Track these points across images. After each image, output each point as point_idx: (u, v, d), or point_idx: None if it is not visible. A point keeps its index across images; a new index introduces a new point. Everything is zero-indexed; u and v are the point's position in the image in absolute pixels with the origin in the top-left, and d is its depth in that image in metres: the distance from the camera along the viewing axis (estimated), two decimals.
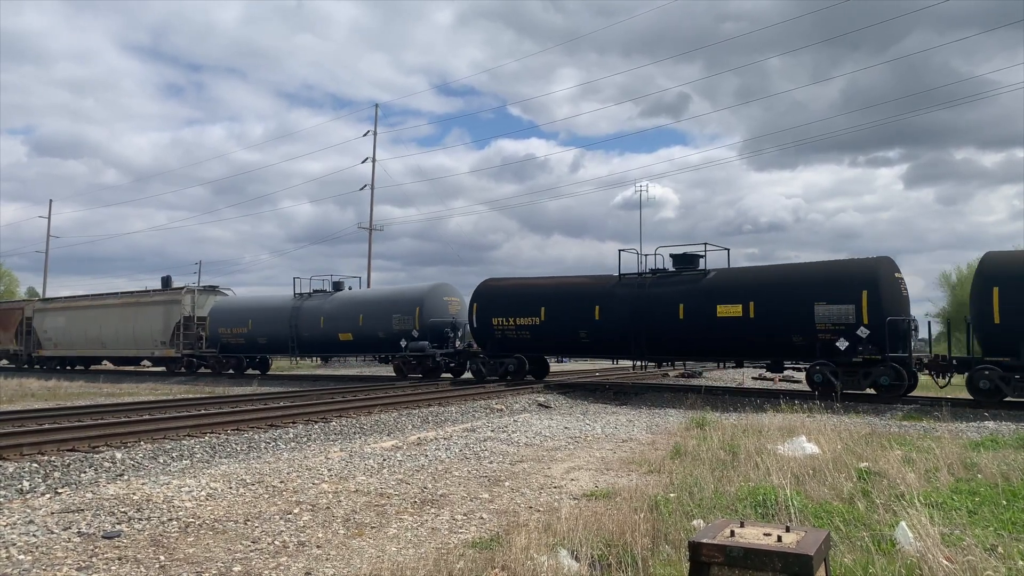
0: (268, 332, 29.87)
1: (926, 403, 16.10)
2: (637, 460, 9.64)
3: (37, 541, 5.79)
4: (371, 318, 26.64)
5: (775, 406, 15.12)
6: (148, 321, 34.01)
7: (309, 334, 28.57)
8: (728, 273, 19.65)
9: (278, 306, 30.04)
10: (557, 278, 22.91)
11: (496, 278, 23.88)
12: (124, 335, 34.94)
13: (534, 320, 21.67)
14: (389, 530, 6.26)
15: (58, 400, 21.35)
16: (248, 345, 30.79)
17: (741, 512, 6.16)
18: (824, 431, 10.48)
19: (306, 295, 29.67)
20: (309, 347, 29.31)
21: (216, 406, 16.38)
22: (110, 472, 9.00)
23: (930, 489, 7.13)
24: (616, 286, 20.52)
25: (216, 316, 31.84)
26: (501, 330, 22.31)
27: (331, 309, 28.18)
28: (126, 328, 34.82)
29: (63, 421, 13.59)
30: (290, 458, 9.81)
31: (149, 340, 33.91)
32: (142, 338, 34.23)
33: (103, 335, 35.83)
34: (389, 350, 26.28)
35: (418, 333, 25.16)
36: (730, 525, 3.67)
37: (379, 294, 28.59)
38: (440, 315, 25.80)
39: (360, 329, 26.90)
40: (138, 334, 34.35)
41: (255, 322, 30.33)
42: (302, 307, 29.04)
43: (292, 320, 28.96)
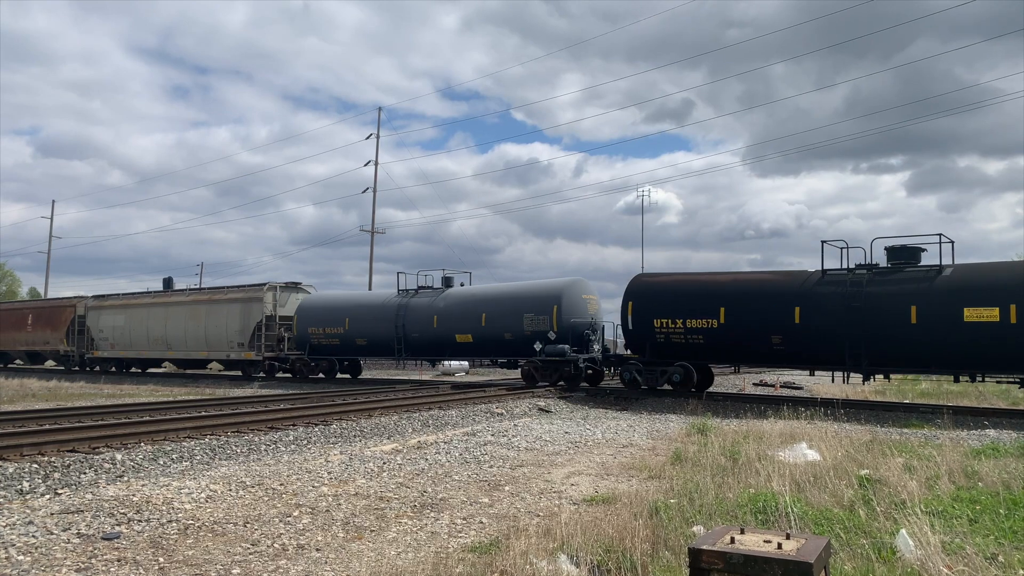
0: (369, 332, 26.80)
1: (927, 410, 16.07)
2: (637, 465, 9.63)
3: (36, 542, 5.79)
4: (497, 317, 23.53)
5: (777, 412, 15.10)
6: (223, 320, 30.98)
7: (419, 335, 25.43)
8: (975, 270, 16.58)
9: (381, 304, 26.93)
10: (733, 274, 20.26)
11: (651, 273, 21.26)
12: (194, 335, 32.03)
13: (710, 323, 18.74)
14: (388, 533, 6.25)
15: (59, 401, 21.36)
16: (343, 347, 27.74)
17: (741, 518, 6.15)
18: (825, 437, 10.47)
19: (411, 292, 26.53)
20: (418, 349, 26.16)
21: (216, 408, 16.37)
22: (110, 473, 8.99)
23: (931, 497, 7.11)
24: (819, 284, 17.69)
25: (306, 315, 28.56)
26: (664, 333, 19.42)
27: (446, 307, 25.02)
28: (196, 328, 31.94)
29: (63, 422, 13.59)
30: (290, 460, 9.80)
31: (223, 341, 31.01)
32: (215, 339, 31.30)
33: (168, 335, 32.97)
34: (518, 353, 23.41)
35: (555, 335, 22.13)
36: (730, 532, 3.67)
37: (506, 291, 24.99)
38: (579, 315, 22.68)
39: (482, 330, 23.79)
40: (210, 335, 31.41)
41: (353, 321, 27.16)
42: (409, 305, 25.85)
43: (398, 319, 25.76)
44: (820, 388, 25.18)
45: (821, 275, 17.82)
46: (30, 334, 39.41)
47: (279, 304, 30.12)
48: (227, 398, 19.82)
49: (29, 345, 39.98)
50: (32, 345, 39.83)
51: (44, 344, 38.86)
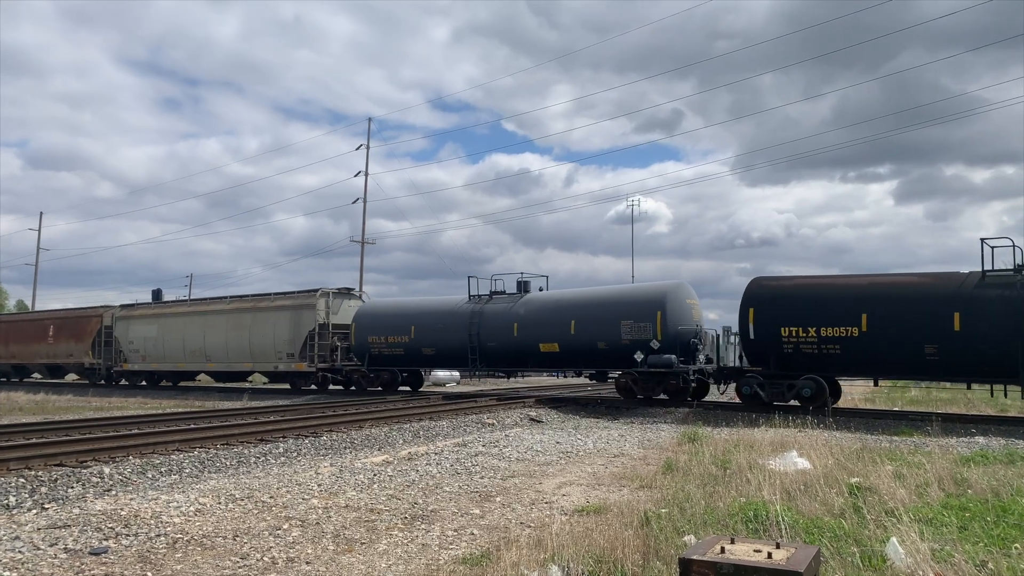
0: (437, 342, 24.48)
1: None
2: (629, 475, 9.62)
3: (23, 557, 5.73)
4: (589, 325, 21.15)
5: (768, 420, 15.14)
6: (271, 329, 28.72)
7: (496, 344, 23.03)
8: None
9: (451, 310, 24.50)
10: (872, 276, 18.46)
11: (772, 277, 19.33)
12: (237, 346, 29.60)
13: (849, 331, 16.98)
14: (379, 546, 6.22)
15: (46, 414, 21.18)
16: (408, 357, 25.41)
17: (732, 528, 6.16)
18: (815, 446, 10.50)
19: (484, 297, 24.22)
20: (495, 360, 23.64)
21: (205, 420, 16.28)
22: (98, 487, 8.92)
23: (921, 504, 7.13)
24: (981, 287, 15.95)
25: (365, 323, 26.26)
26: (792, 343, 17.59)
27: (528, 314, 22.64)
28: (239, 338, 29.53)
29: (51, 435, 13.48)
30: (280, 473, 9.75)
31: (271, 352, 28.64)
32: (261, 349, 28.90)
33: (207, 346, 30.64)
34: (613, 364, 21.38)
35: (659, 344, 19.90)
36: (720, 541, 3.68)
37: (599, 296, 22.32)
38: (684, 321, 20.51)
39: (571, 339, 21.38)
40: (256, 345, 28.99)
41: (420, 330, 24.81)
42: (484, 311, 23.48)
43: (472, 327, 23.35)
44: None
45: (981, 276, 16.06)
46: (51, 346, 37.04)
47: (331, 311, 28.03)
48: (217, 410, 19.70)
49: (50, 358, 37.50)
50: (54, 358, 37.36)
51: (67, 357, 36.61)
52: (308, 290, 28.95)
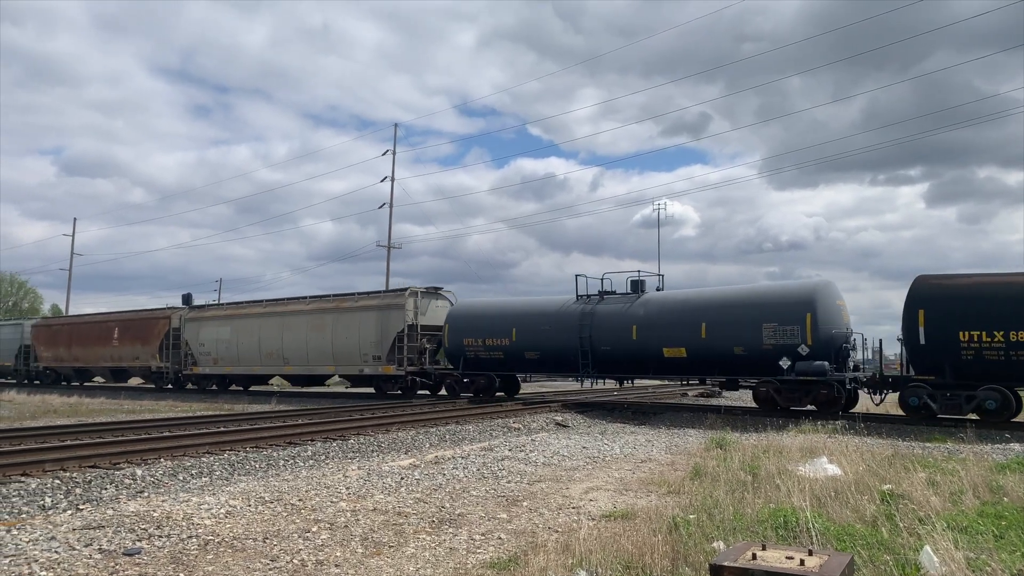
0: (542, 345, 22.24)
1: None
2: (656, 481, 9.57)
3: (59, 557, 5.83)
4: (723, 328, 18.98)
5: (797, 426, 14.97)
6: (356, 331, 27.09)
7: (611, 348, 20.83)
8: None
9: (557, 312, 22.33)
10: None
11: (939, 275, 17.32)
12: (318, 348, 28.14)
13: None
14: (407, 549, 6.25)
15: (80, 416, 21.55)
16: (508, 361, 23.28)
17: (762, 534, 6.09)
18: (846, 452, 10.36)
19: (595, 297, 22.01)
20: (610, 365, 21.36)
21: (235, 423, 16.45)
22: (130, 489, 9.06)
23: (955, 512, 7.01)
24: None
25: (459, 324, 24.32)
26: (974, 349, 15.61)
27: (648, 315, 20.40)
28: (320, 339, 28.07)
29: (84, 438, 13.72)
30: (308, 476, 9.83)
31: (356, 354, 27.06)
32: (345, 352, 27.37)
33: (285, 348, 29.12)
34: (752, 372, 19.13)
35: (808, 349, 17.95)
36: (752, 548, 3.64)
37: (735, 296, 19.95)
38: (835, 324, 18.46)
39: (701, 343, 19.27)
40: (339, 347, 27.51)
41: (522, 332, 22.65)
42: (596, 312, 21.29)
43: (583, 329, 21.18)
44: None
45: None
46: (116, 348, 35.66)
47: (420, 312, 26.32)
48: (245, 413, 19.90)
49: (115, 361, 36.05)
50: (118, 361, 35.89)
51: (133, 360, 35.21)
52: (396, 289, 27.45)
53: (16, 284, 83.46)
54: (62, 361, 38.72)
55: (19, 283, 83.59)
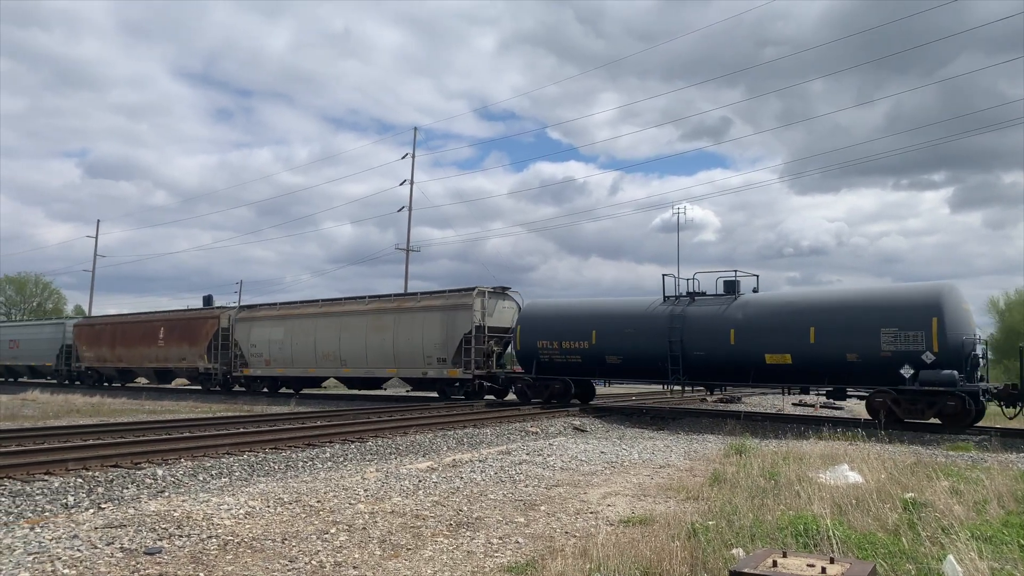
0: (626, 349, 20.75)
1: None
2: (675, 486, 9.51)
3: (81, 556, 5.89)
4: (835, 333, 17.56)
5: (817, 432, 14.84)
6: (419, 332, 25.93)
7: (705, 353, 19.39)
8: None
9: (643, 313, 20.82)
10: None
11: None
12: (378, 350, 26.93)
13: None
14: (425, 552, 6.25)
15: (101, 416, 21.79)
16: (587, 365, 21.77)
17: (782, 541, 6.04)
18: (867, 459, 10.25)
19: (684, 298, 20.42)
20: (703, 371, 19.77)
21: (254, 424, 16.57)
22: (151, 488, 9.15)
23: (979, 522, 6.91)
24: None
25: (532, 325, 22.92)
26: None
27: (749, 318, 18.91)
28: (381, 341, 26.85)
29: (106, 437, 13.87)
30: (327, 477, 9.87)
31: (419, 356, 25.83)
32: (407, 354, 26.13)
33: (343, 350, 27.99)
34: (867, 380, 17.55)
35: (934, 357, 16.49)
36: (772, 555, 3.61)
37: (847, 298, 18.44)
38: (964, 330, 17.05)
39: (809, 349, 17.82)
40: (401, 349, 26.29)
41: (603, 335, 21.19)
42: (688, 315, 19.77)
43: (673, 333, 19.66)
44: (861, 409, 24.67)
45: None
46: (161, 349, 34.87)
47: (487, 312, 25.01)
48: (265, 415, 20.03)
49: (160, 362, 35.21)
50: (164, 362, 35.05)
51: (179, 360, 34.30)
52: (462, 289, 25.81)
53: (41, 285, 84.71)
54: (105, 361, 37.96)
55: (43, 284, 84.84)
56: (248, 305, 33.54)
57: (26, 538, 6.31)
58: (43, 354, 41.82)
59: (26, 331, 45.27)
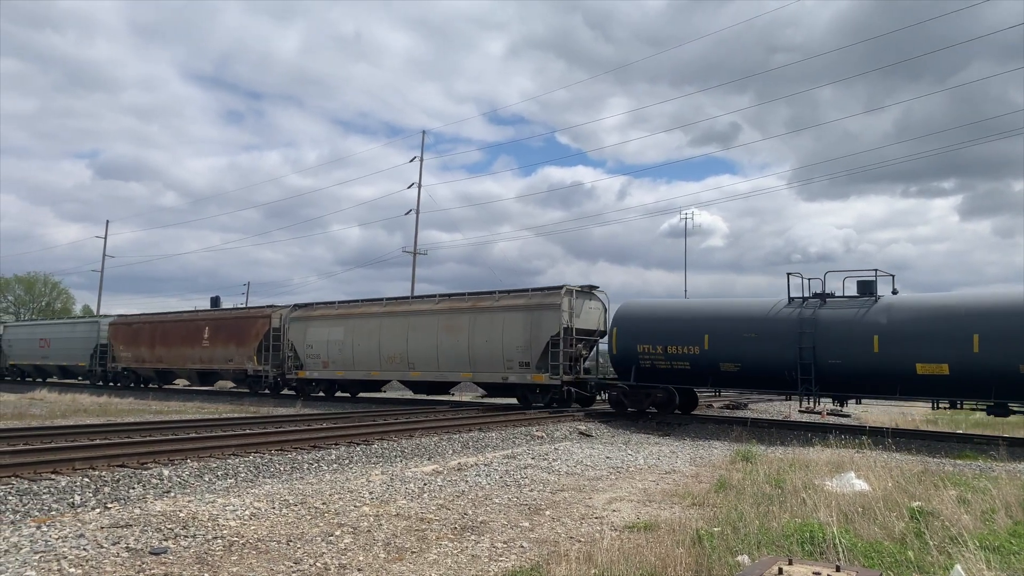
0: (745, 355, 18.81)
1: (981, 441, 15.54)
2: (680, 492, 9.49)
3: (87, 555, 5.91)
4: (1005, 340, 15.62)
5: (823, 440, 14.78)
6: (499, 333, 23.68)
7: (842, 361, 17.37)
8: None
9: (765, 316, 18.81)
10: None
11: None
12: (451, 352, 24.85)
13: None
14: (429, 555, 6.25)
15: (108, 416, 21.86)
16: (696, 373, 19.72)
17: (787, 549, 6.01)
18: (874, 467, 10.21)
19: (813, 300, 18.31)
20: (838, 382, 17.75)
21: (260, 426, 16.60)
22: (158, 489, 9.17)
23: (987, 531, 6.87)
24: None
25: (631, 327, 20.81)
26: None
27: (895, 323, 16.96)
28: (454, 343, 24.76)
29: (113, 437, 13.91)
30: (332, 480, 9.88)
31: (498, 360, 23.61)
32: (485, 357, 23.94)
33: (411, 352, 25.95)
34: None
35: None
36: (778, 562, 3.60)
37: (1014, 302, 16.20)
38: None
39: (973, 358, 15.85)
40: (478, 351, 24.10)
41: (717, 339, 19.23)
42: (820, 319, 17.76)
43: (803, 338, 17.77)
44: (868, 416, 24.59)
45: None
46: (206, 350, 33.09)
47: (575, 313, 22.81)
48: (270, 416, 20.07)
49: (204, 363, 33.38)
50: (208, 363, 33.20)
51: (225, 362, 32.37)
52: (549, 287, 23.62)
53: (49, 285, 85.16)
54: (143, 362, 36.16)
55: (52, 284, 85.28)
56: (303, 304, 31.16)
57: (32, 537, 6.33)
58: (75, 354, 39.97)
59: (57, 330, 43.31)
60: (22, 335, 44.88)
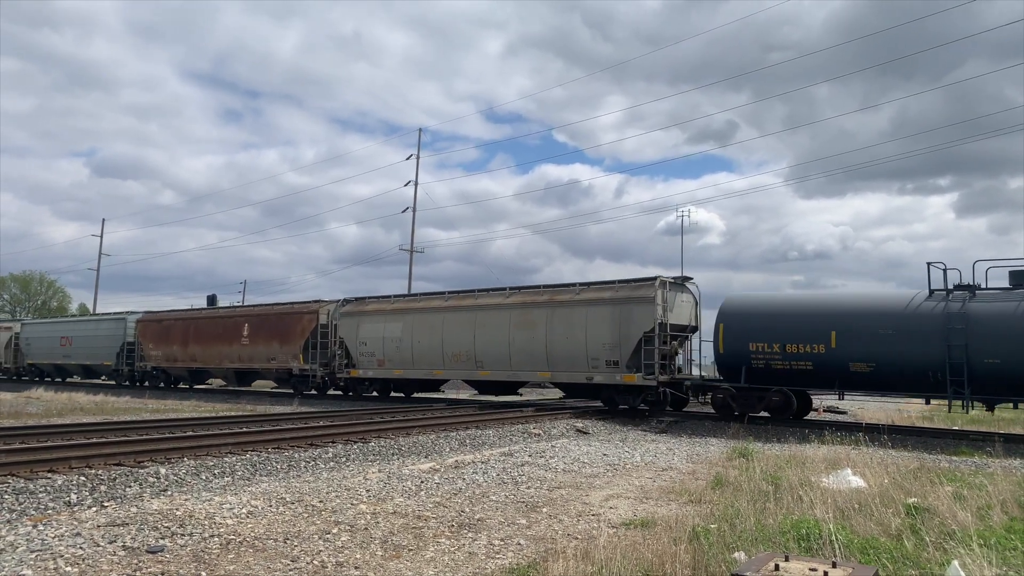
0: (880, 354, 16.90)
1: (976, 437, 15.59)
2: (677, 489, 9.50)
3: (84, 553, 5.90)
4: None
5: (820, 437, 14.81)
6: (582, 329, 21.55)
7: (1001, 361, 15.55)
8: None
9: (904, 310, 16.94)
10: None
11: None
12: (525, 350, 22.78)
13: None
14: (426, 553, 6.25)
15: (105, 415, 21.83)
16: (820, 374, 17.89)
17: (784, 545, 6.03)
18: (870, 464, 10.24)
19: (960, 293, 16.54)
20: (998, 384, 15.92)
21: (257, 424, 16.58)
22: (154, 487, 9.16)
23: (983, 528, 6.89)
24: None
25: (740, 323, 18.90)
26: None
27: None
28: (530, 340, 22.69)
29: (110, 436, 13.89)
30: (329, 478, 9.87)
31: (582, 358, 21.51)
32: (566, 355, 21.84)
33: (479, 349, 23.90)
34: None
35: None
36: (774, 559, 3.61)
37: None
38: None
39: None
40: (557, 349, 22.07)
41: (846, 336, 17.38)
42: (971, 312, 16.00)
43: (952, 335, 15.97)
44: (864, 414, 24.64)
45: None
46: (245, 348, 31.24)
47: (668, 307, 20.76)
48: (267, 415, 20.05)
49: (243, 362, 31.47)
50: (248, 362, 31.32)
51: (267, 361, 30.47)
52: (639, 279, 21.51)
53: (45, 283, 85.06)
54: (175, 361, 34.50)
55: (48, 282, 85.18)
56: (354, 298, 29.01)
57: (29, 535, 6.32)
58: (100, 352, 38.23)
59: (80, 327, 41.18)
60: (41, 333, 43.17)
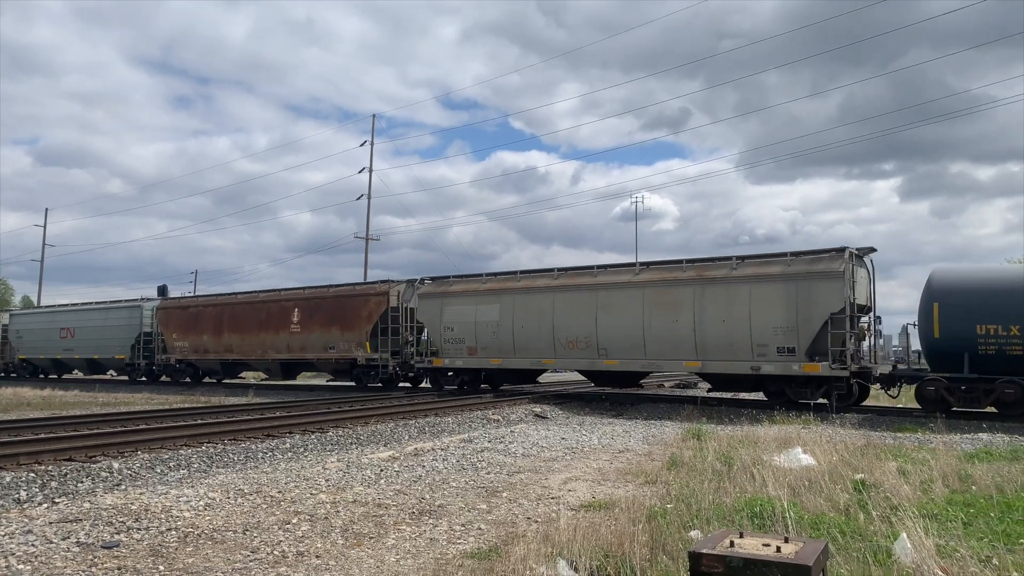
0: None
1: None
2: (634, 471, 9.67)
3: (36, 551, 5.79)
4: None
5: (771, 417, 15.17)
6: (744, 310, 18.20)
7: None
8: None
9: None
10: None
11: None
12: (666, 336, 19.33)
13: None
14: (387, 540, 6.28)
15: (53, 410, 21.28)
16: None
17: (738, 523, 6.19)
18: (819, 443, 10.53)
19: None
20: None
21: (212, 416, 16.35)
22: (107, 482, 8.99)
23: (925, 500, 7.17)
24: None
25: (963, 302, 15.94)
26: None
27: None
28: (670, 323, 19.24)
29: (59, 431, 13.55)
30: (287, 468, 9.81)
31: (744, 344, 18.20)
32: (721, 341, 18.51)
33: (602, 335, 20.33)
34: None
35: None
36: (729, 536, 3.72)
37: None
38: None
39: None
40: (710, 334, 18.67)
41: None
42: None
43: None
44: None
45: None
46: (296, 336, 27.52)
47: (853, 283, 17.45)
48: (222, 406, 19.77)
49: (295, 351, 27.65)
50: (300, 352, 27.48)
51: (323, 350, 26.82)
52: (820, 250, 18.08)
53: None
54: (205, 352, 30.54)
55: None
56: (436, 277, 24.98)
57: None
58: (110, 345, 33.81)
59: (84, 317, 35.76)
60: (36, 324, 38.07)
